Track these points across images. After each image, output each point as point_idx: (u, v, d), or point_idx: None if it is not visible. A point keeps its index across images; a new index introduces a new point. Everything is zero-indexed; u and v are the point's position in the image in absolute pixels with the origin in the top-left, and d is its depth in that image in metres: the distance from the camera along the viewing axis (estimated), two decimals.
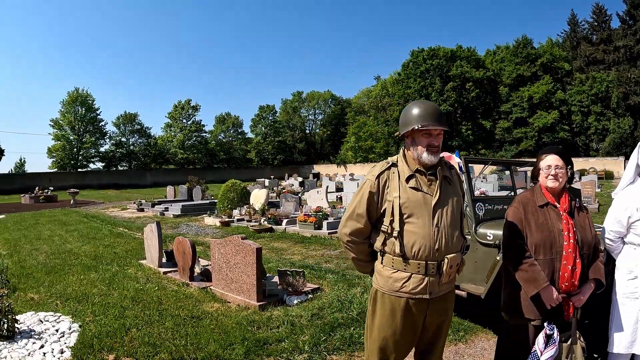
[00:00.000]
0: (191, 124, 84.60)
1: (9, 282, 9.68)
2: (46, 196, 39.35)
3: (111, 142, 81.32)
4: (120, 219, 23.94)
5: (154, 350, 6.20)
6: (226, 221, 19.40)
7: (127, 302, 8.42)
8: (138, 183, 67.40)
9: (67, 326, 7.25)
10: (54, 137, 77.72)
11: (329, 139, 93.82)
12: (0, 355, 6.25)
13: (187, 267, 9.75)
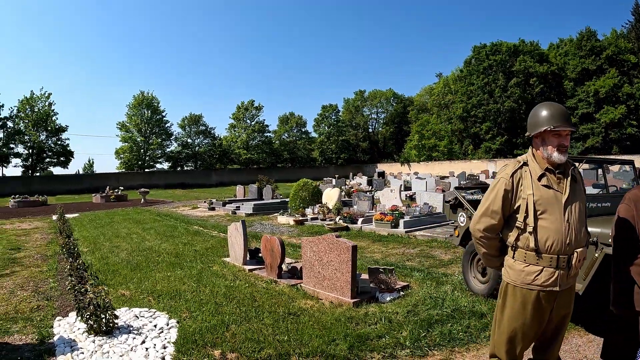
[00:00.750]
0: (255, 124, 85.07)
1: (97, 279, 9.87)
2: (117, 195, 40.12)
3: (177, 143, 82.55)
4: (193, 217, 24.21)
5: (258, 346, 6.22)
6: (300, 220, 19.43)
7: (220, 299, 8.48)
8: (203, 182, 68.22)
9: (165, 322, 7.32)
10: (122, 139, 79.34)
11: (392, 138, 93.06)
12: (102, 351, 6.32)
13: (276, 265, 9.78)
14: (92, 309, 6.87)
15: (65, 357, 6.16)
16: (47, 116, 73.07)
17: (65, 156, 75.46)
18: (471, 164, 60.95)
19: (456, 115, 70.20)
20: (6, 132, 71.87)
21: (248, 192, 32.25)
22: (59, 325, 7.58)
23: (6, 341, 7.01)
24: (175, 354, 6.14)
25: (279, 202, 25.80)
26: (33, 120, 72.60)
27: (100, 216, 26.33)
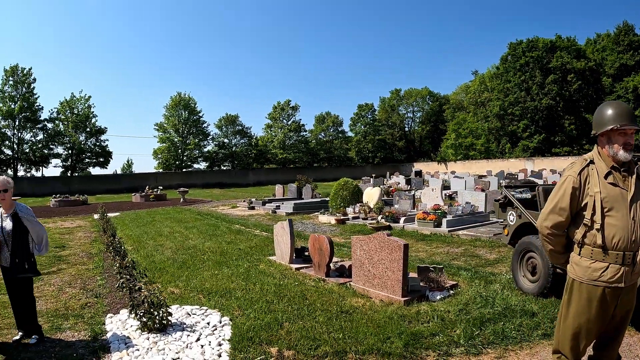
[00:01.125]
0: (291, 124, 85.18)
1: (146, 276, 10.00)
2: (156, 195, 40.46)
3: (214, 143, 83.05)
4: (234, 216, 24.31)
5: (314, 344, 6.24)
6: (341, 219, 19.39)
7: (271, 297, 8.51)
8: (240, 182, 68.47)
9: (217, 319, 7.37)
10: (159, 140, 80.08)
11: (428, 137, 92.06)
12: (158, 347, 6.39)
13: (324, 263, 9.77)
14: (147, 306, 6.95)
15: (121, 354, 6.24)
16: (87, 118, 74.16)
17: (104, 157, 76.47)
18: (509, 162, 60.41)
19: (493, 114, 69.30)
20: (46, 133, 73.14)
21: (287, 192, 32.38)
22: (111, 322, 7.69)
23: (59, 337, 7.14)
24: (232, 351, 6.18)
25: (319, 202, 25.84)
26: (73, 122, 73.73)
27: (142, 215, 26.61)
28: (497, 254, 12.40)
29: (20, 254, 6.87)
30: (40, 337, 7.06)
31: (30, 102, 71.35)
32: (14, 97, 71.17)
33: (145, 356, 6.16)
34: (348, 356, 5.93)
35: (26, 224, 6.93)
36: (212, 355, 6.09)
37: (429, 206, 19.11)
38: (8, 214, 6.97)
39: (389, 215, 17.97)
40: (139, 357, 6.15)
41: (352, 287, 8.97)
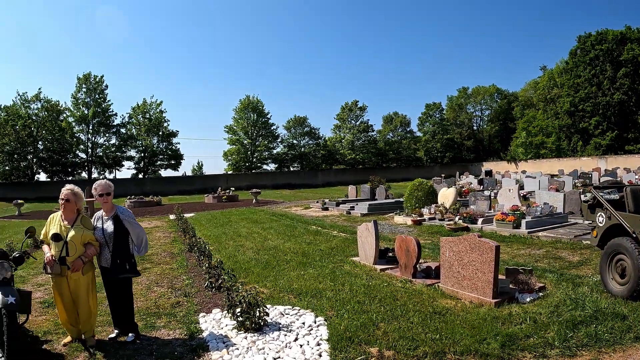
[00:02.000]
0: (359, 125, 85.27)
1: (234, 277, 10.13)
2: (228, 196, 41.03)
3: (283, 145, 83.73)
4: (309, 217, 24.44)
5: (413, 344, 6.28)
6: (417, 220, 19.31)
7: (362, 298, 8.58)
8: (309, 183, 68.75)
9: (312, 320, 7.45)
10: (229, 142, 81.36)
11: (497, 135, 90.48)
12: (257, 347, 6.50)
13: (411, 265, 9.77)
14: (245, 306, 7.08)
15: (221, 353, 6.38)
16: (159, 122, 75.89)
17: (176, 159, 78.09)
18: (580, 161, 58.97)
19: (563, 110, 67.25)
20: (119, 137, 75.13)
21: (360, 193, 32.49)
22: (205, 321, 7.86)
23: (155, 335, 7.37)
24: (331, 351, 6.26)
25: (392, 202, 25.75)
26: (145, 126, 75.51)
27: (217, 216, 27.08)
28: (580, 256, 12.21)
29: (121, 255, 7.12)
30: (137, 335, 7.28)
31: (103, 108, 73.60)
32: (87, 104, 73.43)
33: (245, 355, 6.29)
34: (447, 356, 5.97)
35: (127, 226, 7.17)
36: (312, 355, 6.18)
37: (506, 207, 18.94)
38: (109, 216, 7.22)
39: (467, 217, 17.92)
40: (239, 356, 6.28)
41: (440, 289, 8.98)
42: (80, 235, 6.91)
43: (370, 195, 30.73)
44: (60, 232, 6.86)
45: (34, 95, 73.31)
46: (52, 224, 7.08)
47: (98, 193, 7.24)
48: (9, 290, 6.25)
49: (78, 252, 6.87)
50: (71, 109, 75.07)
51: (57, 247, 6.85)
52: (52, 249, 6.89)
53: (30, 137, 69.48)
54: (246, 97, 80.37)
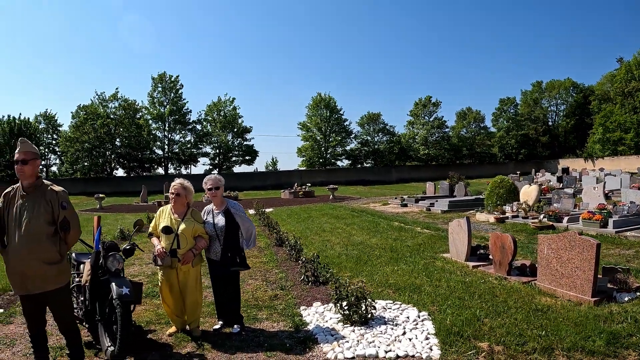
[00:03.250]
0: (433, 121, 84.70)
1: (330, 271, 10.23)
2: (304, 192, 41.44)
3: (356, 141, 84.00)
4: (388, 213, 24.45)
5: (521, 340, 6.33)
6: (500, 217, 19.18)
7: (461, 294, 8.65)
8: (383, 179, 68.82)
9: (415, 314, 7.51)
10: (303, 138, 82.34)
11: (573, 131, 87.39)
12: (367, 340, 6.60)
13: (506, 262, 9.76)
14: (354, 299, 7.19)
15: (331, 346, 6.48)
16: (234, 119, 77.12)
17: (251, 155, 79.29)
18: None
19: None
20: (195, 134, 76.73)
21: (439, 189, 32.44)
22: (308, 314, 8.01)
23: (260, 327, 7.55)
24: (441, 345, 6.32)
25: (473, 199, 25.64)
26: (220, 123, 76.87)
27: (296, 211, 27.44)
28: None
29: (232, 249, 7.30)
30: (242, 327, 7.44)
31: (179, 106, 75.27)
32: (163, 102, 75.17)
33: (356, 348, 6.38)
34: (555, 353, 6.00)
35: (237, 220, 7.36)
36: (423, 348, 6.25)
37: (591, 205, 18.69)
38: (220, 210, 7.45)
39: (552, 215, 17.75)
40: (350, 349, 6.37)
41: (537, 286, 8.94)
42: (191, 229, 7.15)
43: (449, 192, 30.65)
44: (170, 225, 7.10)
45: (112, 95, 76.00)
46: (161, 217, 7.34)
47: (208, 187, 7.49)
48: (123, 281, 6.45)
49: (189, 244, 7.11)
50: (148, 107, 77.07)
51: (168, 239, 7.10)
52: (162, 242, 7.18)
53: (109, 135, 71.56)
54: (318, 94, 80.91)
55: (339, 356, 6.22)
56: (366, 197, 39.55)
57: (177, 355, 6.65)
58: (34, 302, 5.72)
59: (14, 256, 5.46)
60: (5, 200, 5.67)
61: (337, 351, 6.34)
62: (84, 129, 71.65)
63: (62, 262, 5.73)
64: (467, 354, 6.07)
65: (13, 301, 9.73)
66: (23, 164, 5.54)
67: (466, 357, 6.01)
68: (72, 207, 5.79)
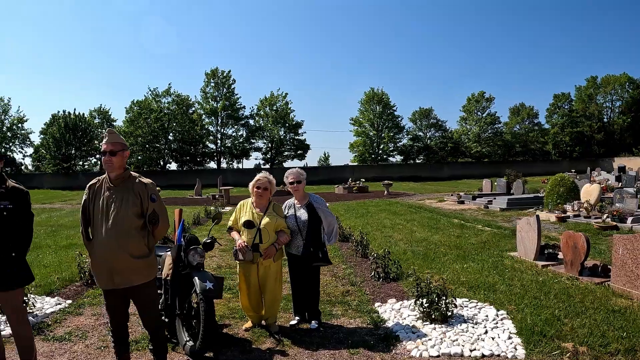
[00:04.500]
0: (486, 117, 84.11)
1: (401, 267, 10.37)
2: (359, 187, 41.55)
3: (408, 137, 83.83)
4: (447, 210, 24.40)
5: (604, 341, 6.29)
6: (561, 216, 18.96)
7: (536, 293, 8.62)
8: (435, 176, 68.47)
9: (494, 313, 7.51)
10: (355, 134, 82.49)
11: (629, 129, 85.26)
12: (450, 338, 6.61)
13: (578, 262, 9.68)
14: (435, 297, 7.19)
15: (415, 344, 6.48)
16: (286, 113, 77.63)
17: (303, 149, 79.76)
18: None
19: None
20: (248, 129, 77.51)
21: (495, 187, 32.19)
22: (385, 311, 8.03)
23: (337, 324, 7.57)
24: (525, 344, 6.32)
25: (531, 198, 25.38)
26: (272, 118, 77.49)
27: (353, 206, 27.52)
28: None
29: (314, 243, 7.29)
30: (319, 322, 7.47)
31: (231, 101, 76.10)
32: (216, 97, 76.09)
33: (440, 346, 6.38)
34: (638, 355, 5.97)
35: (320, 214, 7.38)
36: (507, 348, 6.25)
37: None
38: (302, 204, 7.47)
39: (616, 215, 17.54)
40: (434, 347, 6.37)
41: (611, 287, 8.84)
42: (274, 223, 7.17)
43: (507, 189, 30.41)
44: (252, 219, 7.11)
45: (165, 90, 77.54)
46: (242, 211, 7.38)
47: (289, 181, 7.53)
48: (206, 276, 6.45)
49: (271, 239, 7.12)
50: (201, 102, 78.08)
51: (250, 234, 7.09)
52: (243, 236, 7.17)
53: (162, 129, 72.56)
54: (371, 89, 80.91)
55: (423, 354, 6.24)
56: (420, 193, 39.49)
57: (256, 351, 6.67)
58: (119, 297, 5.61)
59: (101, 250, 5.34)
60: (91, 192, 5.53)
61: (421, 349, 6.35)
62: (137, 124, 73.05)
63: (150, 256, 5.60)
64: (552, 354, 6.06)
65: (80, 292, 9.91)
66: (111, 155, 5.36)
67: (551, 357, 6.00)
68: (161, 200, 5.70)
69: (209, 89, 78.53)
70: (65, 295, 9.58)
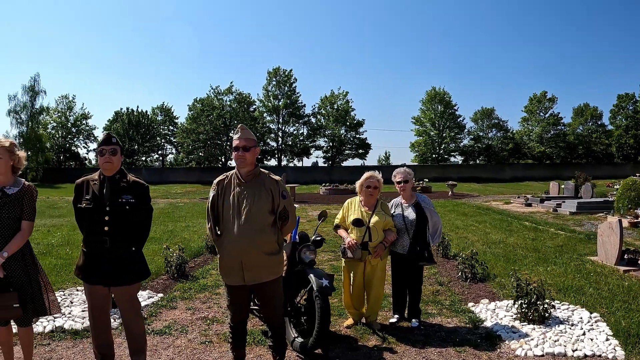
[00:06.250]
0: (548, 117, 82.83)
1: (487, 268, 10.61)
2: (422, 187, 41.69)
3: (469, 137, 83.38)
4: (515, 212, 24.38)
5: None
6: (634, 222, 18.82)
7: (623, 297, 8.70)
8: (496, 177, 67.85)
9: (588, 315, 7.65)
10: (416, 133, 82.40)
11: None
12: (549, 338, 6.76)
13: None
14: (535, 298, 7.34)
15: (518, 343, 6.65)
16: (346, 112, 77.98)
17: (364, 148, 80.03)
18: None
19: None
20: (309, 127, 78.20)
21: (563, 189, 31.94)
22: (480, 311, 8.22)
23: (437, 322, 7.78)
24: (624, 346, 6.46)
25: (601, 201, 25.17)
26: (333, 116, 77.94)
27: None
28: None
29: (420, 243, 7.39)
30: (420, 321, 7.59)
31: (292, 100, 76.88)
32: (277, 96, 76.91)
33: (542, 346, 6.54)
34: None
35: (427, 214, 7.48)
36: (607, 349, 6.38)
37: None
38: (410, 203, 7.58)
39: None
40: (537, 346, 6.54)
41: None
42: (383, 221, 7.28)
43: (574, 192, 30.20)
44: (361, 217, 7.27)
45: (227, 89, 78.72)
46: (350, 210, 7.51)
47: (397, 180, 7.64)
48: (321, 273, 6.51)
49: (379, 237, 7.24)
50: (263, 101, 79.02)
51: (359, 232, 7.20)
52: (352, 234, 7.30)
53: (224, 126, 73.70)
54: (432, 88, 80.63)
55: (528, 353, 6.40)
56: (484, 194, 39.47)
57: (363, 348, 6.76)
58: (245, 293, 5.67)
59: (233, 246, 5.33)
60: (220, 188, 5.54)
61: (525, 348, 6.51)
62: (199, 121, 74.41)
63: (280, 253, 5.61)
64: None
65: (168, 286, 10.10)
66: (245, 150, 5.35)
67: None
68: (290, 197, 5.67)
69: (270, 87, 79.43)
70: (155, 289, 9.80)
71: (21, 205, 5.19)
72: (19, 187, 5.24)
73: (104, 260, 5.19)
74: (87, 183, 5.38)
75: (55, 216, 24.13)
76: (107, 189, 5.29)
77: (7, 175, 5.20)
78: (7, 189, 5.16)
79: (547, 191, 33.54)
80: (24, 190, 5.24)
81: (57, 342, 6.88)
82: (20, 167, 5.35)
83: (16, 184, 5.25)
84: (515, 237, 16.26)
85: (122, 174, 5.45)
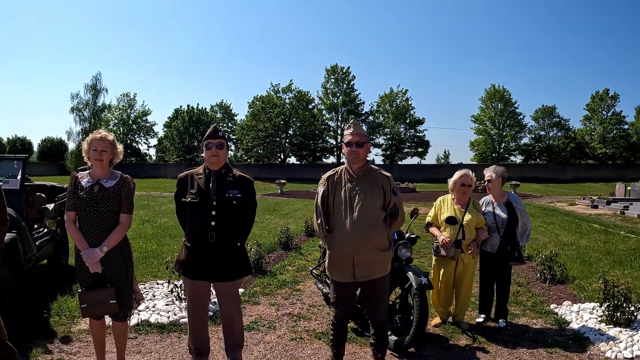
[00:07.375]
0: (611, 116, 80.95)
1: (566, 270, 10.64)
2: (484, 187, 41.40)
3: (530, 136, 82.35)
4: (581, 214, 24.21)
5: None
6: None
7: None
8: (557, 177, 66.87)
9: None
10: (476, 132, 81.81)
11: None
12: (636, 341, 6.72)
13: None
14: (622, 300, 7.30)
15: (608, 346, 6.65)
16: (405, 110, 77.87)
17: (423, 147, 79.81)
18: None
19: None
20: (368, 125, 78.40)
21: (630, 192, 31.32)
22: (564, 313, 8.19)
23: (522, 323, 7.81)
24: None
25: None
26: (393, 114, 77.91)
27: None
28: None
29: (510, 242, 7.42)
30: (506, 321, 7.65)
31: (351, 97, 77.17)
32: (336, 93, 77.28)
33: (632, 349, 6.54)
34: None
35: (517, 214, 7.48)
36: None
37: None
38: (501, 202, 7.61)
39: None
40: (627, 349, 6.54)
41: None
42: (475, 220, 7.31)
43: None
44: (455, 215, 7.29)
45: (286, 86, 79.94)
46: (442, 208, 7.55)
47: (487, 178, 7.74)
48: (419, 271, 6.57)
49: (472, 236, 7.27)
50: (322, 98, 79.49)
51: (453, 230, 7.21)
52: (445, 232, 7.33)
53: (284, 124, 74.46)
54: (492, 86, 79.78)
55: (618, 356, 6.43)
56: (547, 195, 39.01)
57: (455, 347, 6.81)
58: (353, 290, 5.64)
59: (345, 242, 5.28)
60: (330, 183, 5.49)
61: (615, 350, 6.52)
62: (259, 118, 75.25)
63: (390, 249, 5.58)
64: None
65: (247, 281, 9.94)
66: (358, 146, 5.34)
67: None
68: (400, 194, 5.62)
69: (329, 84, 79.84)
70: None
71: (119, 198, 5.24)
72: (116, 179, 5.30)
73: (210, 255, 5.17)
74: (191, 177, 5.36)
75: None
76: (214, 183, 5.26)
77: (106, 169, 5.30)
78: (104, 182, 5.23)
79: (612, 193, 33.02)
80: (121, 183, 5.30)
81: (144, 336, 7.01)
82: (116, 161, 5.45)
83: (113, 177, 5.31)
84: (586, 239, 16.14)
85: (228, 168, 5.43)
